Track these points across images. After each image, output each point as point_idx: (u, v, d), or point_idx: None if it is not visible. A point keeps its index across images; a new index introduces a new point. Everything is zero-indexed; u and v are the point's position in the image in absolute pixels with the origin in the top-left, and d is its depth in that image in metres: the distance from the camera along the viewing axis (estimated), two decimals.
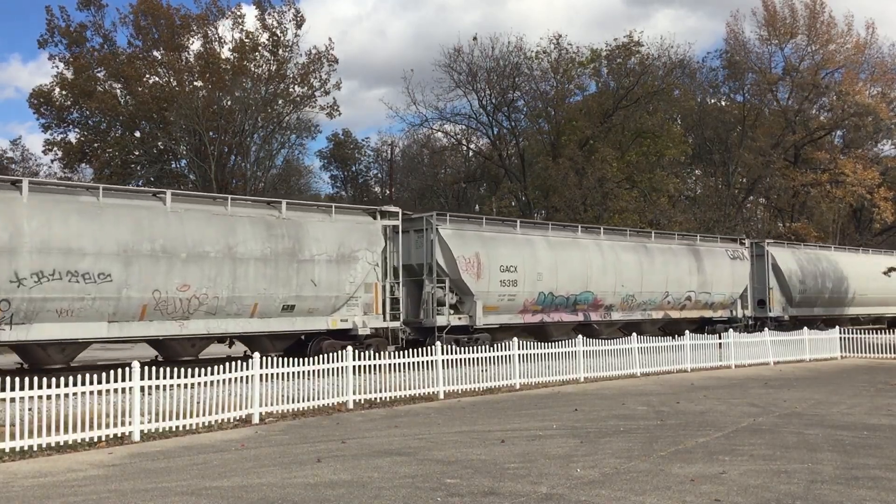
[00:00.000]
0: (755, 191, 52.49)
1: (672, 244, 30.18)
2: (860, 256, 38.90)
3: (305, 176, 58.24)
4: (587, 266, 26.16)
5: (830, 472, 8.89)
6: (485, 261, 23.37)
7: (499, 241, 24.15)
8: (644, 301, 28.11)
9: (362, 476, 8.80)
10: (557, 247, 25.74)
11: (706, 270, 30.26)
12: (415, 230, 23.11)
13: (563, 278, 25.35)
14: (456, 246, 22.88)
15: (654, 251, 28.89)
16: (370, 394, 15.47)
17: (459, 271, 22.73)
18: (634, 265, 27.78)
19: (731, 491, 7.96)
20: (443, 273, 22.73)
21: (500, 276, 23.70)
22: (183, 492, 8.18)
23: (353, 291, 20.68)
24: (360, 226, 21.16)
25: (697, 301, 30.01)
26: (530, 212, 46.81)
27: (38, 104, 47.48)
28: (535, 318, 24.95)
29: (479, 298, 23.22)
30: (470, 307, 23.12)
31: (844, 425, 12.41)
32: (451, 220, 23.59)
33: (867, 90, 50.43)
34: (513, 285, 24.00)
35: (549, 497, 7.76)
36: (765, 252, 33.11)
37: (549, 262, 25.03)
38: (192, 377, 12.69)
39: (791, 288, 33.43)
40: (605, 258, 26.87)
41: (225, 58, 46.71)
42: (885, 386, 18.59)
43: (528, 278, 24.36)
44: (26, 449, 10.59)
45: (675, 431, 11.81)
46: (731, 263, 31.48)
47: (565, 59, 47.24)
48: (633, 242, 28.66)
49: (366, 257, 20.91)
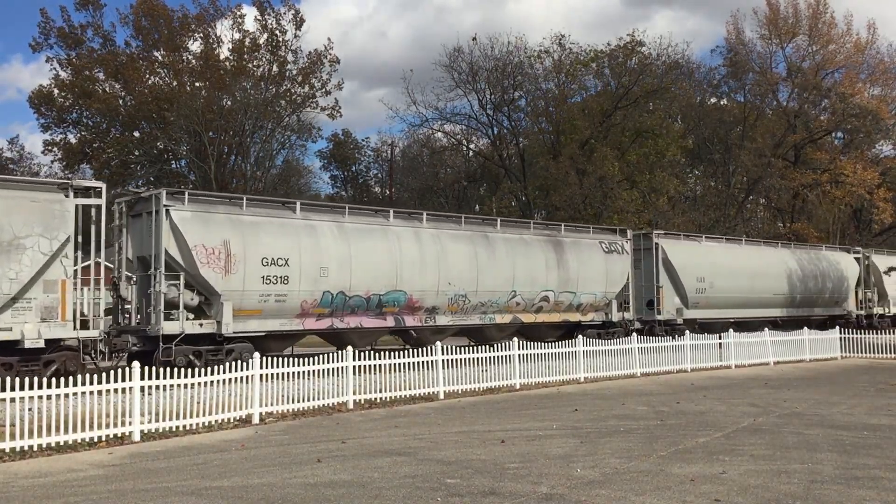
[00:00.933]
0: (755, 191, 52.48)
1: (525, 234, 25.42)
2: (780, 252, 34.73)
3: (305, 176, 58.39)
4: (397, 259, 21.53)
5: (830, 472, 8.89)
6: (238, 251, 18.79)
7: (262, 226, 19.51)
8: (482, 302, 23.55)
9: (362, 476, 8.79)
10: (354, 235, 21.07)
11: (570, 266, 25.65)
12: (147, 213, 18.65)
13: (362, 274, 20.76)
14: (193, 232, 18.36)
15: (497, 242, 24.18)
16: (370, 394, 15.47)
17: (197, 264, 18.23)
18: (467, 258, 23.12)
19: (731, 491, 7.95)
20: (176, 266, 18.27)
21: (263, 270, 19.14)
22: (183, 492, 8.18)
23: (19, 291, 15.98)
24: (36, 204, 16.39)
25: (559, 302, 25.49)
26: (530, 211, 46.82)
27: (38, 104, 47.54)
28: (322, 324, 20.50)
29: (229, 299, 18.61)
30: (218, 311, 18.64)
31: (844, 425, 12.40)
32: (192, 200, 18.89)
33: (867, 90, 50.43)
34: (283, 283, 19.43)
35: (549, 497, 7.76)
36: (653, 245, 28.75)
37: (339, 253, 20.47)
38: (192, 377, 12.69)
39: (686, 287, 29.24)
40: (424, 250, 22.24)
41: (224, 58, 46.74)
42: (885, 386, 18.59)
43: (307, 274, 19.83)
44: (26, 449, 10.59)
45: (675, 431, 11.80)
46: (606, 258, 26.82)
47: (568, 59, 47.33)
48: (469, 231, 23.84)
49: (39, 245, 16.19)
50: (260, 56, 47.43)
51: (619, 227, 29.24)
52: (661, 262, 28.72)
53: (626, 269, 27.53)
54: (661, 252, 28.79)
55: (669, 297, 28.88)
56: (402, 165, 62.27)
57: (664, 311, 28.56)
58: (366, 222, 21.84)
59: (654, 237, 29.06)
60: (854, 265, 37.80)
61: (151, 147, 47.32)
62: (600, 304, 26.72)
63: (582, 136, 45.97)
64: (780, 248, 35.23)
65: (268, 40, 47.37)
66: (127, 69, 45.18)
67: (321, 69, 48.37)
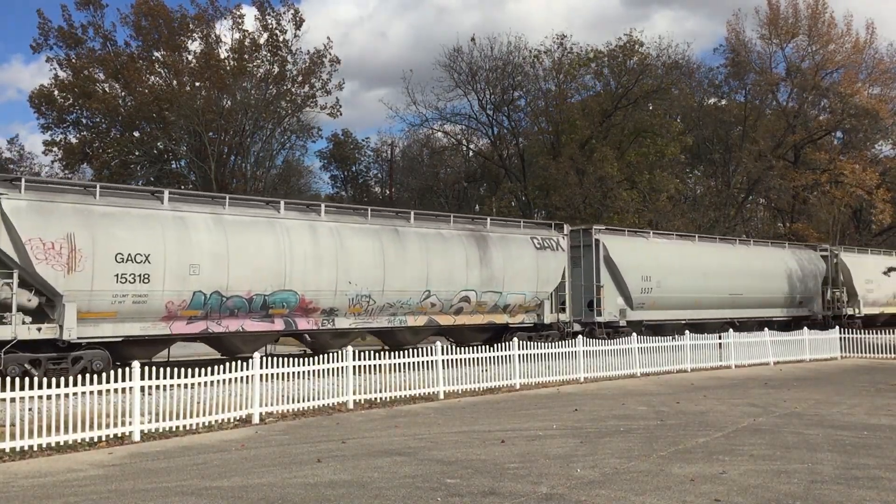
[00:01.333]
0: (755, 191, 52.50)
1: (443, 228, 23.08)
2: (738, 249, 32.71)
3: (306, 176, 58.39)
4: (286, 256, 19.41)
5: (830, 472, 8.89)
6: (85, 246, 16.56)
7: (119, 218, 17.22)
8: (391, 303, 21.39)
9: (362, 476, 8.80)
10: (235, 228, 18.81)
11: (495, 263, 23.45)
12: None
13: (242, 272, 18.60)
14: (28, 223, 16.09)
15: (409, 237, 21.93)
16: (370, 394, 15.48)
17: (33, 260, 16.01)
18: (372, 255, 20.94)
19: (730, 491, 7.95)
20: (10, 262, 16.10)
21: (118, 268, 16.90)
22: (183, 492, 8.18)
23: None
24: None
25: (482, 303, 23.29)
26: (530, 211, 46.84)
27: (38, 104, 47.55)
28: (195, 328, 18.31)
29: (73, 300, 16.42)
30: (61, 313, 16.48)
31: (844, 425, 12.41)
32: (31, 188, 16.54)
33: (866, 90, 50.44)
34: (143, 281, 17.24)
35: (549, 497, 7.76)
36: (593, 241, 26.86)
37: (214, 249, 18.30)
38: (192, 377, 12.69)
39: (630, 286, 27.28)
40: (320, 245, 20.08)
41: (224, 58, 46.75)
42: (885, 386, 18.59)
43: (173, 272, 17.66)
44: (26, 449, 10.59)
45: (675, 431, 11.81)
46: (538, 255, 24.63)
47: (568, 58, 47.36)
48: (377, 225, 21.58)
49: None
50: (260, 56, 47.44)
51: (556, 222, 26.97)
52: (603, 259, 26.70)
53: (562, 267, 25.25)
54: (602, 249, 26.79)
55: (612, 298, 26.87)
56: (402, 165, 62.30)
57: (605, 312, 26.50)
58: (250, 214, 19.40)
59: (595, 233, 27.11)
60: (821, 263, 36.17)
61: (151, 147, 47.31)
62: (531, 304, 24.51)
63: (582, 135, 46.02)
64: (738, 245, 33.15)
65: (268, 40, 47.39)
66: (127, 69, 45.18)
67: (321, 69, 48.41)
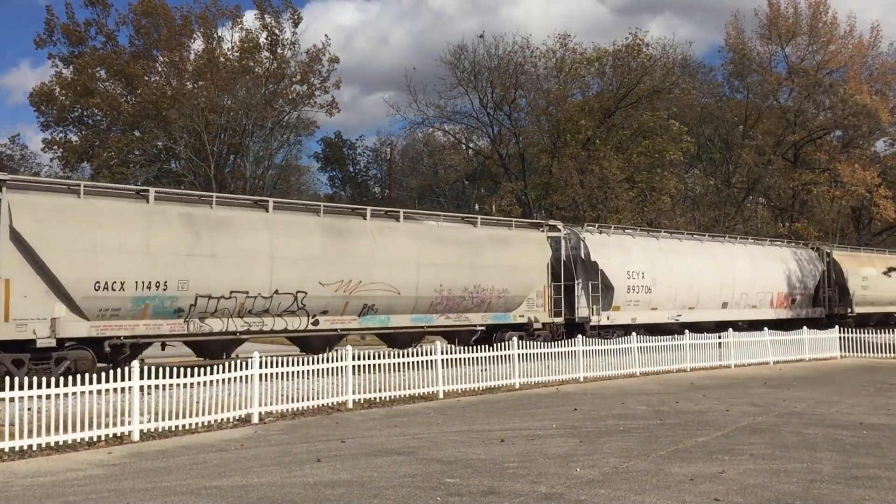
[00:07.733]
0: (755, 190, 52.48)
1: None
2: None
3: (305, 174, 58.48)
4: None
5: (830, 471, 8.89)
6: None
7: None
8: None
9: (362, 476, 8.80)
10: None
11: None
12: None
13: None
14: None
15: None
16: (370, 393, 15.47)
17: None
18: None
19: (730, 490, 7.95)
20: None
21: None
22: (182, 491, 8.18)
23: None
24: None
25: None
26: (530, 211, 46.82)
27: (38, 102, 47.55)
28: None
29: None
30: None
31: (844, 425, 12.41)
32: None
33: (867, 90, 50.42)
34: None
35: (548, 496, 7.76)
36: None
37: None
38: (192, 377, 12.69)
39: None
40: None
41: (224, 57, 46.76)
42: (884, 385, 18.59)
43: None
44: (26, 448, 10.59)
45: (674, 431, 11.81)
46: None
47: (571, 58, 47.37)
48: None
49: None
50: (260, 55, 47.47)
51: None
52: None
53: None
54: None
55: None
56: (402, 165, 62.34)
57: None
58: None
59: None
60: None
61: (152, 146, 47.30)
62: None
63: (584, 135, 46.01)
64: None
65: (267, 39, 47.44)
66: (129, 68, 45.19)
67: (319, 66, 48.48)
